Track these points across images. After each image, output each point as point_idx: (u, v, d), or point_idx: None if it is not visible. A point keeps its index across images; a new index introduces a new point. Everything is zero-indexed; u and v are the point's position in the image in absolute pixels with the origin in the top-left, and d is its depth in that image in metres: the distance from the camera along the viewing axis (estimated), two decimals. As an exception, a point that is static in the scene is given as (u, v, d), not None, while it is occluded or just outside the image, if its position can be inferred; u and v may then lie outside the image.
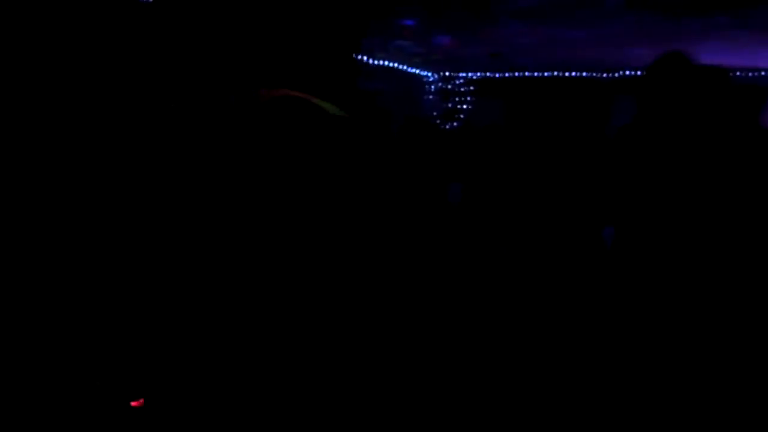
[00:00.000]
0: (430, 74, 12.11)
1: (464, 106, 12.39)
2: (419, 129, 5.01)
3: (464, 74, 12.32)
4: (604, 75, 10.59)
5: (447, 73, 12.20)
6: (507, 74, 11.95)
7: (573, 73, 11.18)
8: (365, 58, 9.91)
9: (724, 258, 2.45)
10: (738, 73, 9.80)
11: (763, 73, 9.92)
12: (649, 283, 2.54)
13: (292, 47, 1.11)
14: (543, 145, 3.06)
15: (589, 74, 10.91)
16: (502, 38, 8.40)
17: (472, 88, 12.36)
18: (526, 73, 11.64)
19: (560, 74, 11.32)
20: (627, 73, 10.06)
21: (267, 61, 1.12)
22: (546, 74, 11.45)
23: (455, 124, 12.42)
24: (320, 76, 1.13)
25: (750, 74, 9.92)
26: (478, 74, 12.24)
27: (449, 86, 12.37)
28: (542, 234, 2.99)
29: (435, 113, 12.48)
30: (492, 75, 12.14)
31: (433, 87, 12.41)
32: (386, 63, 10.43)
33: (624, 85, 9.13)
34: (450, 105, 12.41)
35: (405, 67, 11.21)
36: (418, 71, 11.67)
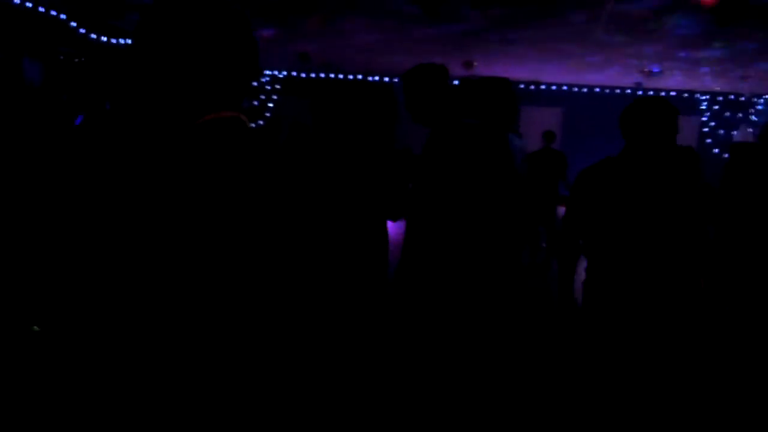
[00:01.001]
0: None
1: (270, 105, 12.18)
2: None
3: (270, 72, 12.11)
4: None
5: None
6: (313, 75, 11.95)
7: (375, 78, 11.49)
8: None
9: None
10: (531, 87, 10.76)
11: (552, 87, 10.98)
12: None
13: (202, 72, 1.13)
14: (343, 148, 2.96)
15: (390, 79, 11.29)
16: (313, 37, 8.32)
17: (278, 86, 12.18)
18: (331, 75, 11.74)
19: (364, 77, 11.57)
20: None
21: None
22: (350, 77, 11.64)
23: (261, 122, 12.17)
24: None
25: (533, 87, 10.92)
26: (284, 73, 12.10)
27: (255, 83, 12.08)
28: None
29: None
30: (298, 75, 12.06)
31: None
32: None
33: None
34: (256, 103, 12.14)
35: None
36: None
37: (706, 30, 6.39)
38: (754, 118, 10.32)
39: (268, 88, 12.26)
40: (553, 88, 11.03)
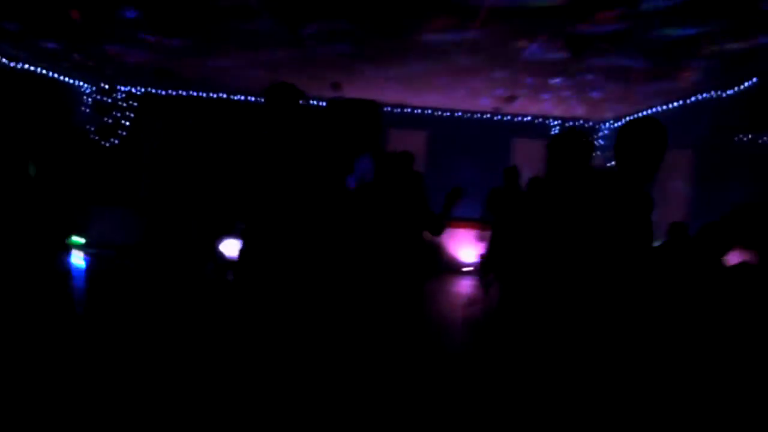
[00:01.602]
0: (84, 84, 10.90)
1: (126, 122, 11.44)
2: None
3: (126, 88, 11.40)
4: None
5: (106, 86, 11.14)
6: (172, 92, 11.39)
7: (236, 96, 11.18)
8: (-1, 58, 8.42)
9: None
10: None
11: (417, 111, 11.21)
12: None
13: None
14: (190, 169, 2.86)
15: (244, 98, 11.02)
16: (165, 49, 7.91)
17: (134, 103, 11.49)
18: (192, 93, 11.26)
19: (227, 97, 11.21)
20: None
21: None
22: (213, 95, 11.23)
23: (116, 141, 11.40)
24: None
25: (398, 110, 11.11)
26: (142, 90, 11.44)
27: (109, 100, 11.33)
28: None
29: (91, 128, 11.28)
30: (157, 91, 11.44)
31: (89, 99, 11.21)
32: (26, 66, 9.00)
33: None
34: (109, 120, 11.36)
35: (51, 74, 9.87)
36: (67, 79, 10.39)
37: (556, 59, 6.79)
38: (600, 142, 11.14)
39: (123, 105, 11.52)
40: (418, 111, 11.29)
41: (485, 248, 7.02)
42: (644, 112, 9.69)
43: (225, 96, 11.26)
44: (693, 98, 8.19)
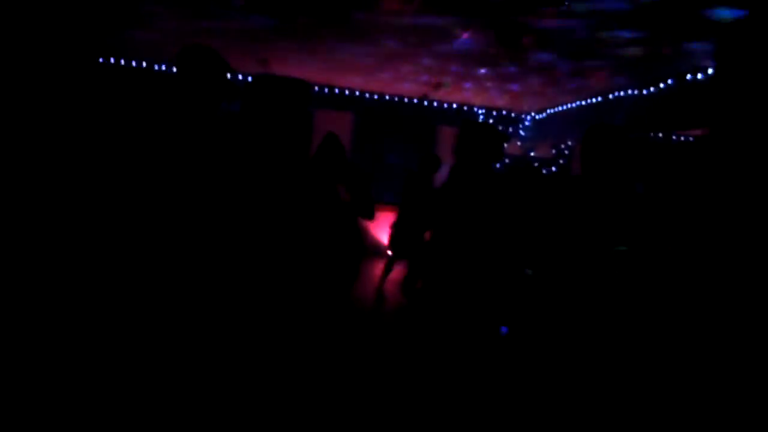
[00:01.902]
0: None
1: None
2: None
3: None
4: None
5: None
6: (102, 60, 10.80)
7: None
8: None
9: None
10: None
11: (345, 91, 11.10)
12: None
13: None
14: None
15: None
16: None
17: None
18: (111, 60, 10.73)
19: (148, 66, 10.77)
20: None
21: None
22: (134, 63, 10.76)
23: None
24: None
25: (327, 90, 10.99)
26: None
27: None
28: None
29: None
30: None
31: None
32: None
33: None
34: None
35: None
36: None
37: (485, 50, 6.89)
38: (522, 133, 11.44)
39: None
40: (346, 92, 11.22)
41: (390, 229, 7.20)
42: (562, 107, 10.02)
43: (145, 65, 10.81)
44: (611, 95, 8.53)
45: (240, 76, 9.58)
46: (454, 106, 11.45)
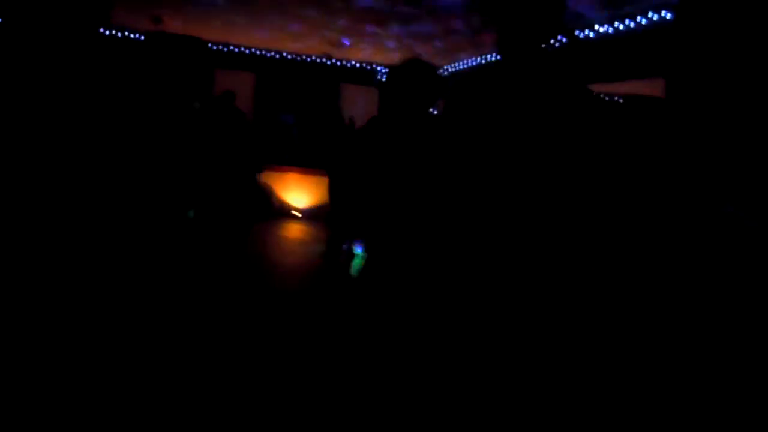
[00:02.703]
0: None
1: None
2: None
3: None
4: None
5: None
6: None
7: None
8: None
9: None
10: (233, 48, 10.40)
11: (245, 50, 10.77)
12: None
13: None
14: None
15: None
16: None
17: None
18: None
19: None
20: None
21: None
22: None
23: None
24: None
25: (224, 48, 10.63)
26: None
27: None
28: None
29: None
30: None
31: None
32: None
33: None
34: None
35: None
36: None
37: (388, 7, 6.89)
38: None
39: None
40: (246, 51, 10.91)
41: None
42: (473, 61, 10.20)
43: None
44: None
45: (130, 35, 9.10)
46: (357, 64, 11.41)
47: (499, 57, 2.15)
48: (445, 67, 10.77)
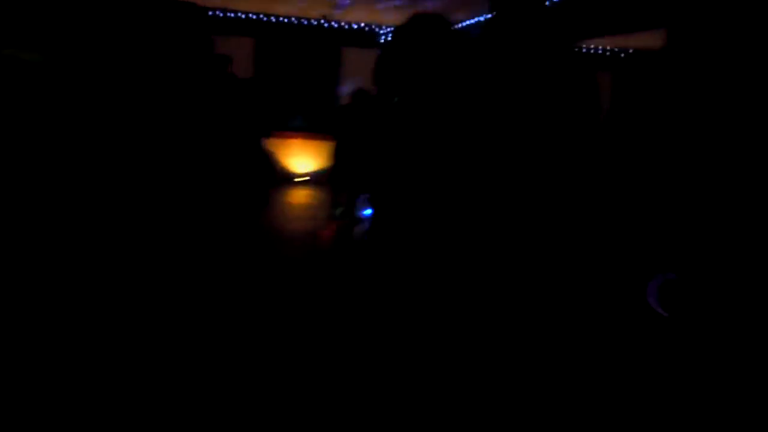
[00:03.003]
0: None
1: None
2: None
3: None
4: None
5: None
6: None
7: None
8: None
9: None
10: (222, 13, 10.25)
11: (242, 15, 10.62)
12: None
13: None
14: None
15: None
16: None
17: None
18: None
19: None
20: None
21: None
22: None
23: None
24: None
25: (221, 13, 10.49)
26: None
27: None
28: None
29: None
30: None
31: None
32: None
33: None
34: None
35: None
36: None
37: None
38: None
39: None
40: (243, 16, 10.76)
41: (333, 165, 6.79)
42: (481, 17, 10.01)
43: None
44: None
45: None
46: (354, 26, 11.24)
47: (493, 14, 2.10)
48: (463, 23, 10.54)
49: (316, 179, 10.40)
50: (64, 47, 2.39)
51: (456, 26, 9.62)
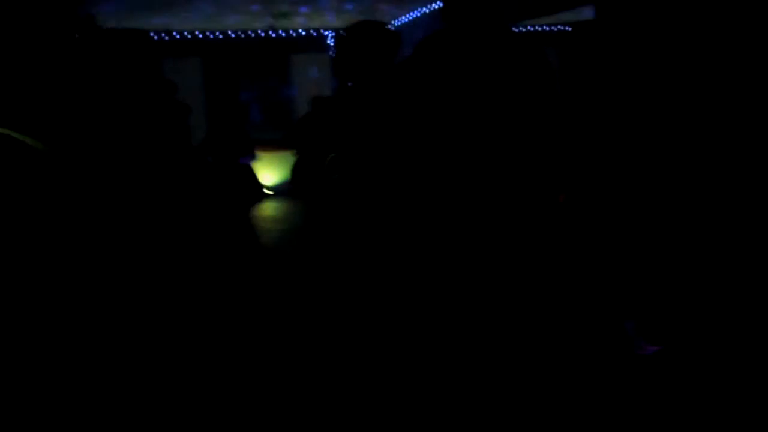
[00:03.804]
0: None
1: None
2: None
3: None
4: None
5: None
6: None
7: None
8: None
9: None
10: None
11: (187, 35, 10.53)
12: None
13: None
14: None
15: None
16: None
17: None
18: None
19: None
20: None
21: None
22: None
23: None
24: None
25: (166, 36, 10.39)
26: None
27: None
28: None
29: None
30: None
31: None
32: None
33: None
34: None
35: None
36: None
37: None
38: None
39: None
40: (188, 36, 10.68)
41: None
42: (420, 10, 10.10)
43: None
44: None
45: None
46: (303, 32, 11.24)
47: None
48: (405, 17, 10.60)
49: (280, 190, 10.38)
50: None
51: (391, 24, 9.56)
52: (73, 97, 2.34)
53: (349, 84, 2.62)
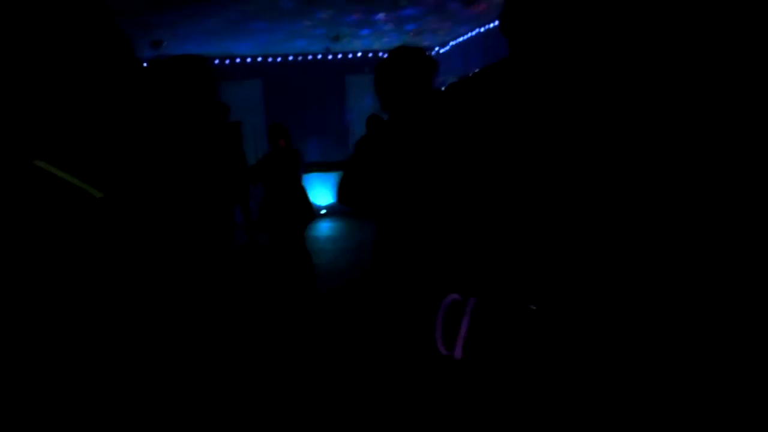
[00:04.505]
0: None
1: None
2: None
3: None
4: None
5: None
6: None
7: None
8: None
9: None
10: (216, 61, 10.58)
11: (248, 59, 10.92)
12: None
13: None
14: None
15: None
16: None
17: None
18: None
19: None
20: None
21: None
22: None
23: None
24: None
25: (228, 61, 10.80)
26: None
27: None
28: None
29: None
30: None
31: None
32: None
33: None
34: None
35: None
36: None
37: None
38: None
39: None
40: (248, 60, 11.05)
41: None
42: (463, 37, 10.19)
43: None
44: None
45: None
46: (359, 54, 11.46)
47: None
48: (450, 43, 10.73)
49: (334, 210, 10.53)
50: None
51: (448, 44, 9.54)
52: (133, 135, 2.47)
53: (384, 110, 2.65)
